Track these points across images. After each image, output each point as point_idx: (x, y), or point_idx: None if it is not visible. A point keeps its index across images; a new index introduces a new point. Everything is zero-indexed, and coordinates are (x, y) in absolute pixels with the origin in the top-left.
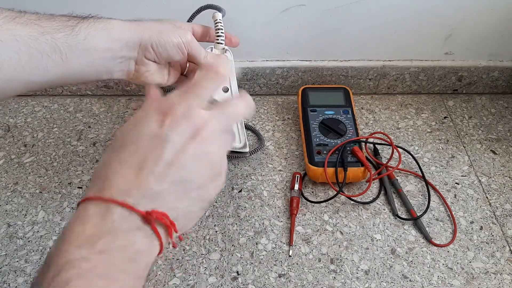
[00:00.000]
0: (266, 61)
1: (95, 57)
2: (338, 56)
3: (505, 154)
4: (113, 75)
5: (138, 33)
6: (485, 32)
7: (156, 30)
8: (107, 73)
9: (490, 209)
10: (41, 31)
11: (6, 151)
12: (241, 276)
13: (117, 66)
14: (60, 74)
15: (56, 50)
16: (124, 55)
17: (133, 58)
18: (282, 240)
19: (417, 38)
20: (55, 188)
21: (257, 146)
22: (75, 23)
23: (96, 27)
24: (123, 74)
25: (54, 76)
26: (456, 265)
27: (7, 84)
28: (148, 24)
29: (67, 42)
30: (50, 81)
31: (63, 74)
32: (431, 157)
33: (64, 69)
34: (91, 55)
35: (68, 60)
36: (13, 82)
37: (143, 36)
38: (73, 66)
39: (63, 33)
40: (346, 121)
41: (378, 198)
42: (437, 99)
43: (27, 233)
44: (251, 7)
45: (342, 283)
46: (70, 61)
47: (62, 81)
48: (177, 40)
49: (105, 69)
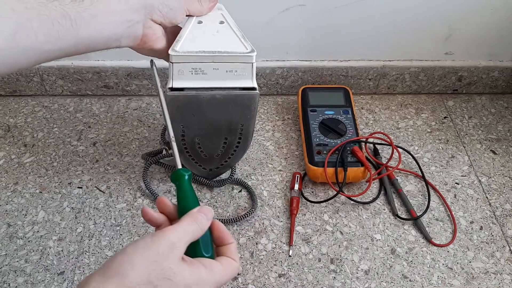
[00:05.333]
0: (266, 61)
1: (104, 22)
2: (338, 56)
3: (505, 154)
4: (121, 43)
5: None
6: (485, 32)
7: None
8: (116, 40)
9: (490, 209)
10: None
11: (6, 151)
12: (241, 276)
13: (126, 31)
14: (73, 42)
15: (65, 17)
16: (132, 18)
17: (141, 21)
18: (282, 240)
19: (417, 38)
20: (55, 188)
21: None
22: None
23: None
24: (130, 41)
25: (66, 44)
26: (456, 265)
27: (22, 54)
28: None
29: (75, 8)
30: (63, 50)
31: (75, 42)
32: (431, 157)
33: (75, 36)
34: (100, 20)
35: (79, 27)
36: (28, 52)
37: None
38: (83, 33)
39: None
40: (346, 121)
41: (378, 198)
42: (437, 99)
43: (27, 233)
44: (251, 7)
45: (342, 283)
46: (80, 27)
47: (74, 49)
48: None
49: (115, 35)
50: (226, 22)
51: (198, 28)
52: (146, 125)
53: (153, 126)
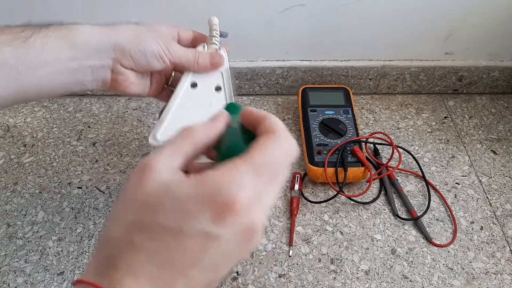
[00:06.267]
0: (266, 61)
1: (57, 69)
2: (338, 56)
3: (506, 154)
4: (86, 86)
5: (110, 37)
6: (485, 32)
7: (132, 34)
8: (77, 84)
9: (491, 209)
10: None
11: (5, 151)
12: (241, 277)
13: (88, 76)
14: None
15: (4, 65)
16: (94, 63)
17: (107, 66)
18: (282, 240)
19: (417, 38)
20: (55, 188)
21: None
22: (30, 33)
23: (56, 35)
24: (97, 84)
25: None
26: (456, 265)
27: None
28: (123, 28)
29: (16, 55)
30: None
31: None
32: (431, 157)
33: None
34: (51, 66)
35: (22, 75)
36: None
37: (117, 40)
38: (29, 80)
39: (12, 46)
40: (346, 121)
41: (378, 198)
42: (437, 99)
43: (26, 233)
44: (251, 6)
45: (342, 283)
46: (24, 75)
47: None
48: (157, 48)
49: (73, 80)
50: (223, 89)
51: (189, 98)
52: (146, 125)
53: (152, 126)
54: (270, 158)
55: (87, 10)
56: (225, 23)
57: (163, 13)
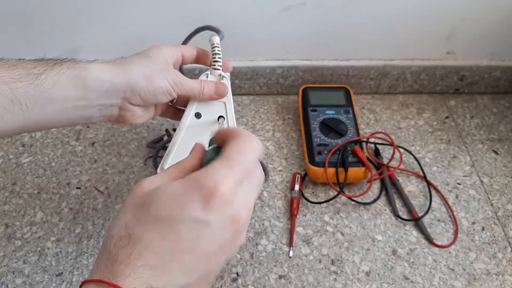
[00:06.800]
0: (266, 60)
1: (66, 106)
2: (338, 55)
3: (507, 154)
4: (92, 121)
5: (122, 80)
6: (486, 31)
7: (143, 76)
8: (84, 120)
9: (492, 210)
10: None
11: (4, 151)
12: (241, 277)
13: (96, 113)
14: (21, 124)
15: (14, 101)
16: (104, 103)
17: (116, 104)
18: (283, 241)
19: (418, 38)
20: (53, 188)
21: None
22: (43, 70)
23: (69, 74)
24: (104, 119)
25: (14, 126)
26: (457, 266)
27: None
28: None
29: (27, 92)
30: (10, 131)
31: (24, 124)
32: (432, 157)
33: (26, 119)
34: (60, 104)
35: (30, 110)
36: None
37: (128, 82)
38: (36, 116)
39: (24, 82)
40: (347, 121)
41: (379, 199)
42: (438, 98)
43: (25, 234)
44: (251, 6)
45: (343, 284)
46: (33, 111)
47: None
48: (165, 85)
49: (80, 116)
50: (226, 119)
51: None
52: (145, 125)
53: (152, 126)
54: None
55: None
56: (225, 22)
57: (163, 13)
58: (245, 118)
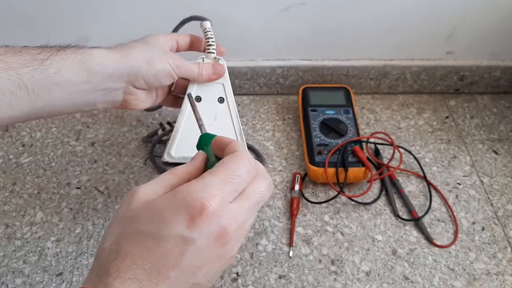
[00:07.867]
0: (266, 60)
1: (71, 91)
2: (338, 55)
3: (507, 154)
4: (97, 107)
5: (124, 63)
6: (487, 31)
7: (145, 60)
8: (89, 105)
9: (492, 210)
10: (3, 66)
11: (4, 151)
12: (241, 278)
13: (101, 97)
14: (29, 109)
15: (21, 86)
16: (108, 86)
17: (120, 88)
18: (282, 241)
19: (418, 38)
20: (53, 188)
21: None
22: (47, 55)
23: (73, 59)
24: (108, 105)
25: (22, 111)
26: (457, 266)
27: None
28: (135, 53)
29: (34, 77)
30: (18, 117)
31: (32, 109)
32: (432, 157)
33: (33, 104)
34: (65, 88)
35: (36, 95)
36: None
37: (131, 66)
38: (42, 101)
39: (30, 67)
40: (347, 121)
41: (379, 199)
42: (438, 98)
43: (25, 234)
44: (251, 6)
45: (343, 284)
46: (39, 96)
47: (33, 115)
48: (167, 67)
49: (86, 101)
50: (226, 100)
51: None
52: (145, 125)
53: (152, 126)
54: (233, 171)
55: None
56: (225, 22)
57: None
58: (245, 118)
